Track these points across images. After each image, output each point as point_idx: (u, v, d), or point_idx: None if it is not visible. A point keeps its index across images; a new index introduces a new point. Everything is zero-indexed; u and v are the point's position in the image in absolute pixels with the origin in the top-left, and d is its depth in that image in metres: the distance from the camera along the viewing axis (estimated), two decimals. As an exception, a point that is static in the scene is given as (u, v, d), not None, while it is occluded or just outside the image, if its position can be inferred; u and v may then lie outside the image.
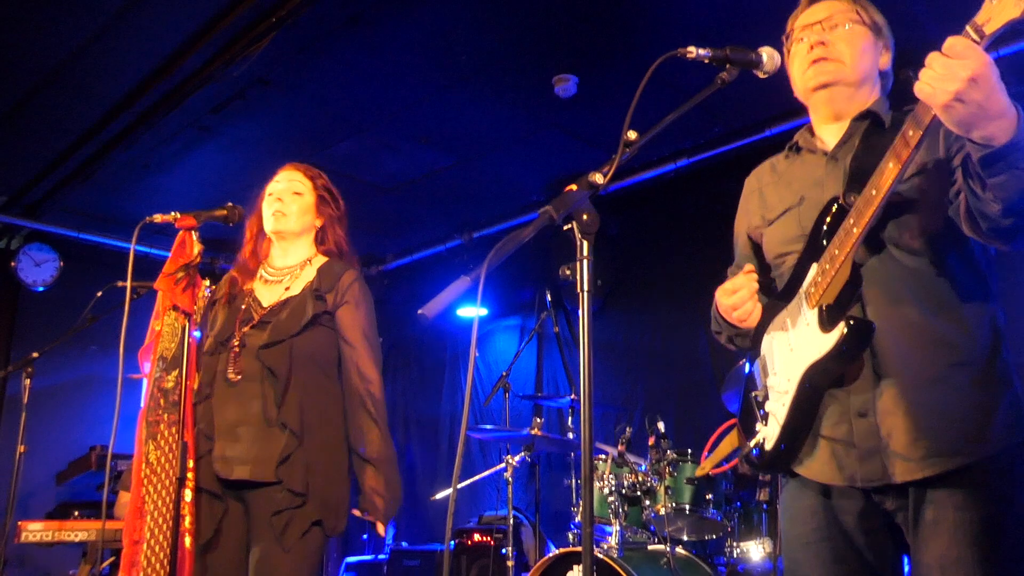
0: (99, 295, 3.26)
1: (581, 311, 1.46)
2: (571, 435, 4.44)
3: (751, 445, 1.76)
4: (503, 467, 4.30)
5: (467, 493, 5.77)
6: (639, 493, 3.76)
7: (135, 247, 2.42)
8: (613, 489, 3.75)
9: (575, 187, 1.49)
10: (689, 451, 3.73)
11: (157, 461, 2.34)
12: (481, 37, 3.98)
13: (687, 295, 5.20)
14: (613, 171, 1.51)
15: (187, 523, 2.30)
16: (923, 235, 1.60)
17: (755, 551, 3.61)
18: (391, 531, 6.81)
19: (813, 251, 1.68)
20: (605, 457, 3.87)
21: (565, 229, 1.48)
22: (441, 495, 5.41)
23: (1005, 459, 1.54)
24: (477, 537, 5.08)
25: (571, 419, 4.61)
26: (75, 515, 4.63)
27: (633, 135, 1.55)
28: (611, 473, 3.79)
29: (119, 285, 2.60)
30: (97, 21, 3.79)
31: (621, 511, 3.73)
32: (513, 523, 4.27)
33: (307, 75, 4.27)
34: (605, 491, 3.77)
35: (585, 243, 1.47)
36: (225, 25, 3.78)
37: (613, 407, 5.22)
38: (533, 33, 3.95)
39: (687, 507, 3.61)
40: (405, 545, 6.12)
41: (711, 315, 1.98)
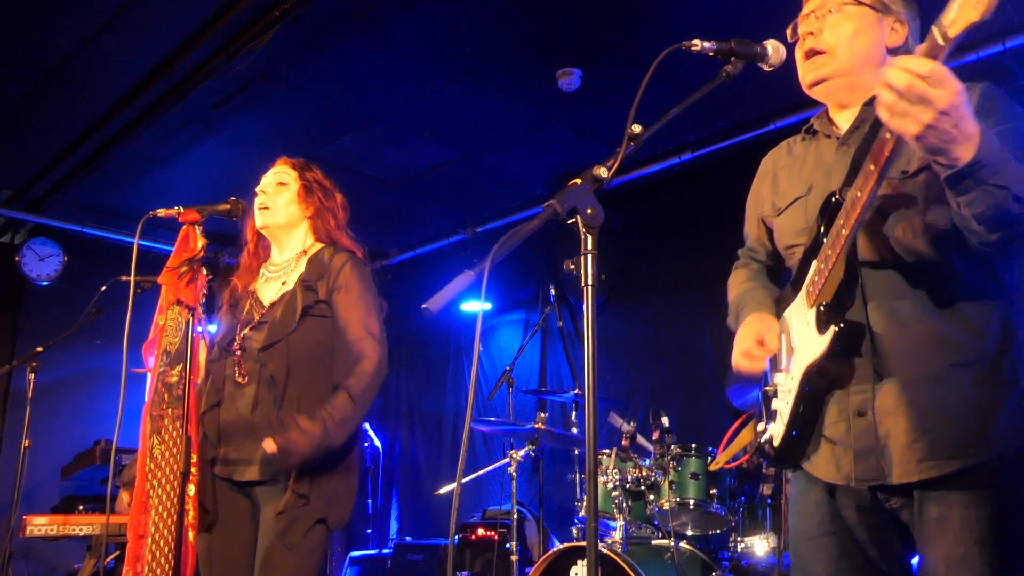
0: (103, 290, 3.25)
1: (585, 305, 1.45)
2: (575, 430, 4.44)
3: (761, 441, 1.76)
4: (507, 462, 4.30)
5: (471, 488, 5.78)
6: (643, 488, 3.76)
7: (139, 241, 2.42)
8: (617, 484, 3.75)
9: (579, 181, 1.48)
10: (693, 446, 3.72)
11: (161, 455, 2.34)
12: (484, 31, 3.97)
13: (691, 289, 5.20)
14: (617, 165, 1.50)
15: (191, 517, 2.31)
16: (926, 232, 1.57)
17: (759, 546, 3.60)
18: (395, 525, 6.82)
19: (815, 246, 1.66)
20: (609, 452, 3.87)
21: (569, 223, 1.47)
22: (445, 490, 5.42)
23: (1011, 458, 1.52)
24: (481, 532, 5.09)
25: (575, 414, 4.61)
26: (80, 509, 4.65)
27: (637, 129, 1.54)
28: (615, 468, 3.79)
29: (123, 279, 2.59)
30: (100, 16, 3.79)
31: (625, 506, 3.73)
32: (517, 518, 4.28)
33: (310, 70, 4.26)
34: (609, 486, 3.77)
35: (589, 237, 1.46)
36: (228, 20, 3.78)
37: (617, 402, 5.22)
38: (537, 27, 3.94)
39: (691, 502, 3.61)
40: (409, 539, 6.14)
41: (729, 310, 1.97)
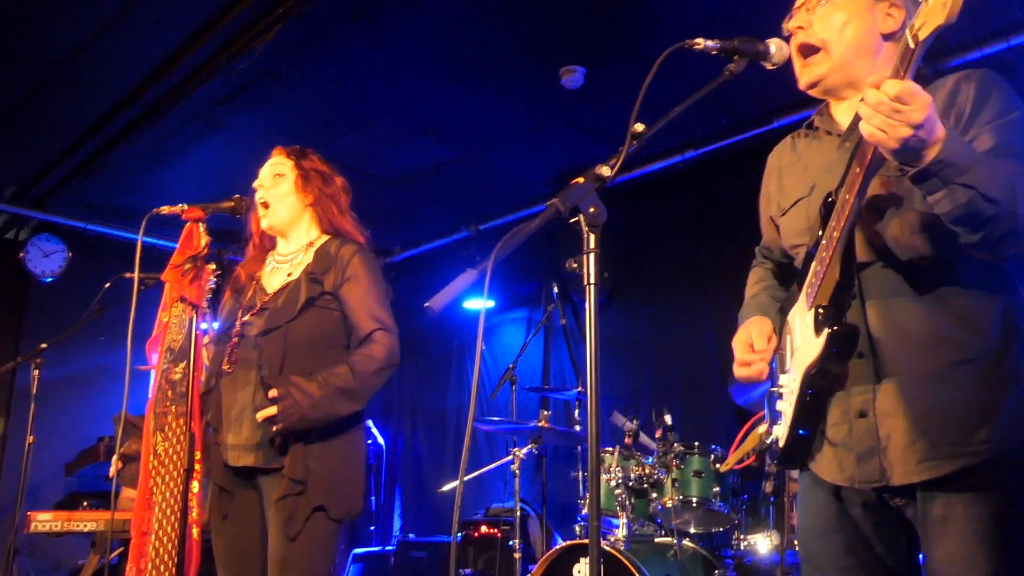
0: (107, 286, 3.26)
1: (588, 304, 1.45)
2: (578, 427, 4.44)
3: (767, 441, 1.76)
4: (510, 459, 4.31)
5: (474, 485, 5.78)
6: (646, 486, 3.76)
7: (143, 238, 2.43)
8: (620, 482, 3.76)
9: (582, 180, 1.48)
10: (696, 443, 3.72)
11: (165, 452, 2.35)
12: (487, 29, 3.97)
13: (694, 287, 5.20)
14: (620, 164, 1.50)
15: (195, 514, 2.32)
16: (924, 229, 1.55)
17: (762, 544, 3.60)
18: (398, 523, 6.83)
19: (815, 247, 1.65)
20: (612, 450, 3.87)
21: (572, 222, 1.47)
22: (448, 487, 5.42)
23: (1014, 455, 1.51)
24: (484, 529, 5.09)
25: (578, 412, 4.61)
26: (84, 505, 4.66)
27: (640, 127, 1.53)
28: (618, 466, 3.79)
29: (127, 276, 2.60)
30: (104, 14, 3.80)
31: (628, 504, 3.73)
32: (520, 515, 4.28)
33: (313, 68, 4.26)
34: (612, 484, 3.77)
35: (592, 236, 1.46)
36: (231, 18, 3.79)
37: (620, 400, 5.22)
38: (539, 24, 3.93)
39: (694, 500, 3.61)
40: (412, 537, 6.14)
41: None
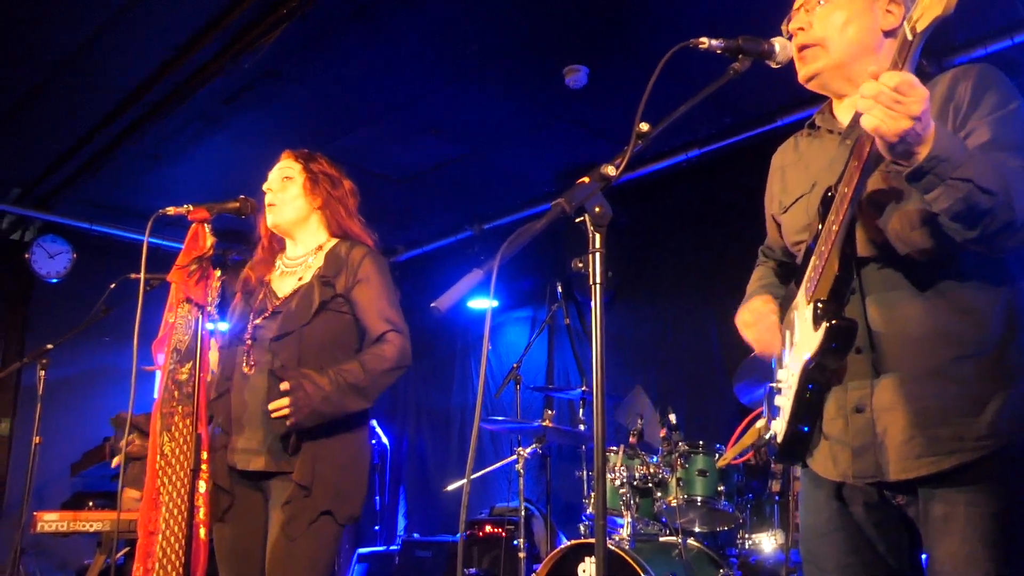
0: (112, 287, 3.26)
1: (593, 303, 1.45)
2: (582, 427, 4.44)
3: (766, 437, 1.76)
4: (514, 459, 4.30)
5: (478, 485, 5.78)
6: (651, 485, 3.76)
7: (148, 239, 2.43)
8: (625, 481, 3.75)
9: (587, 179, 1.48)
10: (701, 443, 3.72)
11: (172, 453, 2.36)
12: (491, 27, 3.97)
13: (698, 286, 5.19)
14: (625, 163, 1.50)
15: (201, 514, 2.32)
16: (924, 225, 1.53)
17: (767, 543, 3.60)
18: (403, 522, 6.84)
19: (814, 242, 1.65)
20: (617, 449, 3.87)
21: (577, 221, 1.47)
22: (453, 487, 5.43)
23: (1016, 451, 1.50)
24: (489, 528, 5.10)
25: (582, 411, 4.61)
26: (90, 505, 4.67)
27: (645, 126, 1.53)
28: (623, 465, 3.79)
29: (132, 277, 2.60)
30: (107, 13, 3.81)
31: (633, 503, 3.73)
32: (525, 514, 4.28)
33: (317, 67, 4.26)
34: (617, 483, 3.77)
35: (597, 236, 1.46)
36: (235, 17, 3.79)
37: (623, 398, 5.21)
38: (543, 23, 3.93)
39: (699, 499, 3.61)
40: (417, 536, 6.15)
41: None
